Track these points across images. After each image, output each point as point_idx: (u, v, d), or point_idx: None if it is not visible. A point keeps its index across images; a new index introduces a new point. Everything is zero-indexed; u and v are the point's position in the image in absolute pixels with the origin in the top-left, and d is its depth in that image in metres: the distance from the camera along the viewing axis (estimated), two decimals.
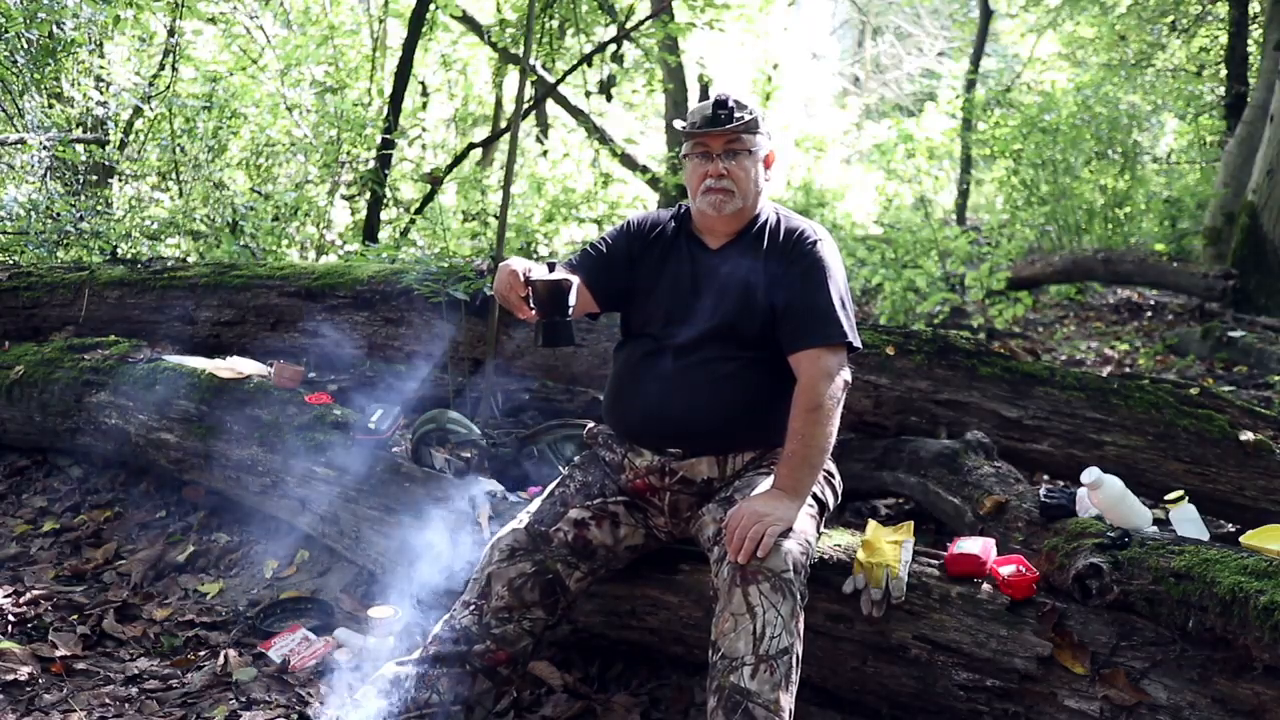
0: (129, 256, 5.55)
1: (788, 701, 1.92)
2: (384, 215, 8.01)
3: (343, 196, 8.21)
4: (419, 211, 7.82)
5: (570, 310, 2.15)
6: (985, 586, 2.23)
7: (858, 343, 2.27)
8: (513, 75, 10.43)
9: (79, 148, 6.43)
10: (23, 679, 2.62)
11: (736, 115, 2.26)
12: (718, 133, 2.27)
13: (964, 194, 12.50)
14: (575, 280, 2.16)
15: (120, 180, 7.44)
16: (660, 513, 2.35)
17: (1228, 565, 2.02)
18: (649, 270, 2.40)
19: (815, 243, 2.31)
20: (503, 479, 3.05)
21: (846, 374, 2.24)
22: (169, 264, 4.79)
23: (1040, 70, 13.78)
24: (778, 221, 2.38)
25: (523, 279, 2.14)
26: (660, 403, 2.30)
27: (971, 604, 2.20)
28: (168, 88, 6.85)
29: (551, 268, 2.15)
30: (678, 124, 2.36)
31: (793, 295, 2.25)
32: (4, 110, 6.77)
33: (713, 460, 2.30)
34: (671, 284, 2.37)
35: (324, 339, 4.19)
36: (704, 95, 11.66)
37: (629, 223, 2.50)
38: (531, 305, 2.15)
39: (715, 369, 2.28)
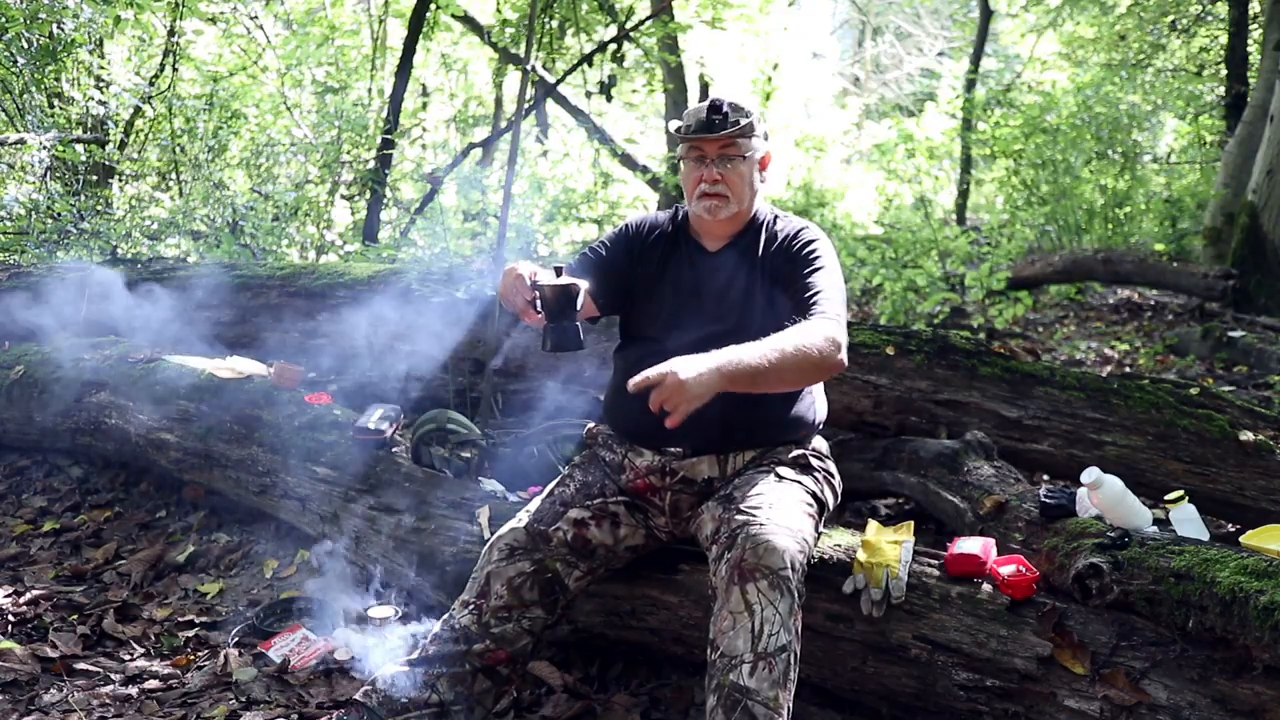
0: (129, 256, 5.55)
1: (786, 699, 1.92)
2: (384, 215, 8.02)
3: (343, 196, 8.21)
4: (419, 211, 7.83)
5: (578, 315, 2.13)
6: (985, 586, 2.23)
7: (845, 340, 2.20)
8: (513, 75, 10.42)
9: (79, 148, 6.44)
10: (23, 679, 2.62)
11: (731, 120, 2.24)
12: (712, 138, 2.25)
13: (964, 194, 12.50)
14: (584, 284, 2.15)
15: (120, 180, 7.45)
16: (661, 513, 2.34)
17: (1228, 565, 2.02)
18: (649, 273, 2.40)
19: (813, 241, 2.32)
20: (503, 479, 3.05)
21: (844, 356, 2.14)
22: (169, 264, 4.79)
23: (1040, 70, 13.78)
24: (775, 223, 2.39)
25: (529, 283, 2.13)
26: None
27: (971, 604, 2.20)
28: (168, 88, 6.86)
29: (559, 271, 2.13)
30: (673, 124, 2.35)
31: (796, 282, 2.25)
32: (4, 110, 6.78)
33: (713, 460, 2.30)
34: (672, 287, 2.37)
35: (324, 338, 4.19)
36: (704, 95, 11.66)
37: (627, 226, 2.49)
38: (538, 310, 2.14)
39: None
